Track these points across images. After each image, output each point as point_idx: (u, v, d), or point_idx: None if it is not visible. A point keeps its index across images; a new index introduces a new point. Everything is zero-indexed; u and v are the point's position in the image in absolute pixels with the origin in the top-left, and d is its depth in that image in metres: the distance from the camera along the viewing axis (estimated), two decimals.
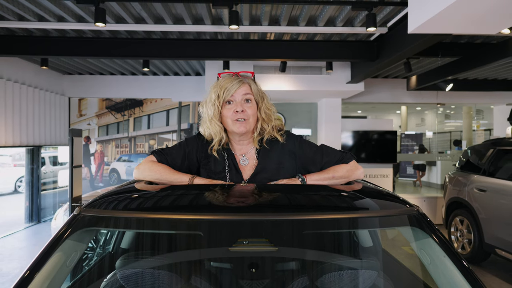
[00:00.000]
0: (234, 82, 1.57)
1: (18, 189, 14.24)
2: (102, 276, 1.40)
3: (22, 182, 14.67)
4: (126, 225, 1.31)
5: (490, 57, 4.89)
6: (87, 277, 1.51)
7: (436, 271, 1.25)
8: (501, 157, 5.09)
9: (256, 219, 1.17)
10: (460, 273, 1.17)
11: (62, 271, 1.21)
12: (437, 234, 1.27)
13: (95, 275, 1.53)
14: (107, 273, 1.38)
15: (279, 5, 4.05)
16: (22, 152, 16.12)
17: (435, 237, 1.26)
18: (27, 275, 1.11)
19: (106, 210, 1.28)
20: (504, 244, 4.64)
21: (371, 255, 1.62)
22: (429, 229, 1.28)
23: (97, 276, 1.53)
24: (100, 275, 1.51)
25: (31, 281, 1.09)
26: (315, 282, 1.17)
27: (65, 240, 1.22)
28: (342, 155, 1.64)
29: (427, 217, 1.33)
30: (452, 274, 1.19)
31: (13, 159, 15.95)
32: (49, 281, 1.15)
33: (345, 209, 1.31)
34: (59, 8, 4.11)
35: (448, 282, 1.20)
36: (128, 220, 1.27)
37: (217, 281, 1.25)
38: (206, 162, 1.61)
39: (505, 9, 2.81)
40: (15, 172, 14.73)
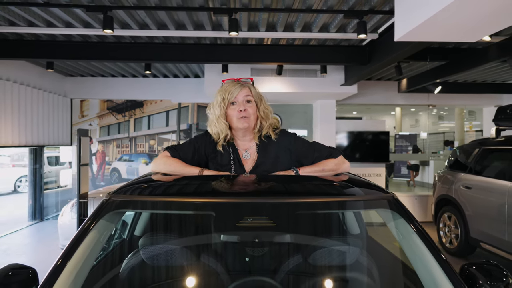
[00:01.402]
0: (237, 86, 1.84)
1: (18, 189, 14.41)
2: (127, 252, 1.65)
3: (22, 182, 14.87)
4: (147, 207, 1.56)
5: (475, 61, 5.18)
6: (115, 252, 1.76)
7: (406, 245, 1.51)
8: (486, 156, 5.37)
9: (257, 202, 1.43)
10: (424, 246, 1.43)
11: (97, 246, 1.46)
12: (408, 215, 1.53)
13: (121, 251, 1.78)
14: (130, 251, 1.64)
15: (276, 13, 4.31)
16: (21, 152, 16.29)
17: (406, 217, 1.52)
18: (72, 247, 1.35)
19: (131, 195, 1.53)
20: (488, 238, 4.92)
21: (354, 234, 1.88)
22: (401, 211, 1.54)
23: (122, 253, 1.78)
24: (124, 253, 1.76)
25: (75, 252, 1.34)
26: (304, 250, 1.43)
27: (99, 220, 1.47)
28: (331, 151, 1.90)
29: (400, 202, 1.59)
30: (418, 247, 1.45)
31: (11, 159, 16.11)
32: (88, 253, 1.40)
33: (333, 194, 1.57)
34: (68, 15, 4.34)
35: (415, 253, 1.45)
36: (148, 203, 1.53)
37: (227, 249, 1.51)
38: (213, 156, 1.86)
39: (485, 19, 3.07)
40: (14, 172, 14.88)
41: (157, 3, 4.02)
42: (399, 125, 17.38)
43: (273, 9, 4.13)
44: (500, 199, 4.68)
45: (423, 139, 18.04)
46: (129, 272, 1.53)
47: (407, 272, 1.52)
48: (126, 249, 1.85)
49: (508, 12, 2.86)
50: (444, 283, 1.34)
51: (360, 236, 1.82)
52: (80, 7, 3.91)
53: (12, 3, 3.88)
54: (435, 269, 1.39)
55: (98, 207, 1.51)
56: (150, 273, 1.48)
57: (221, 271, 1.39)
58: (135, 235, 2.07)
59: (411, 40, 3.44)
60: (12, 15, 4.35)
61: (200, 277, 1.42)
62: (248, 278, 1.42)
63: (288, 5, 4.12)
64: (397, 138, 14.74)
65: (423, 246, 1.44)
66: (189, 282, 1.42)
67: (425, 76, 6.23)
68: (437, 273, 1.39)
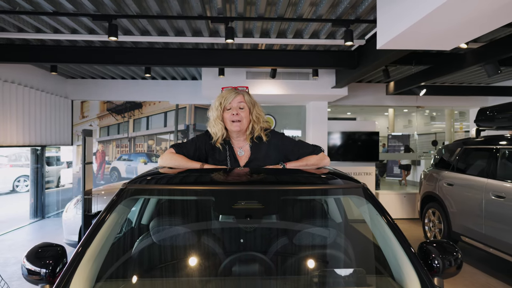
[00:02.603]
0: (232, 93, 2.15)
1: (16, 189, 14.63)
2: (138, 235, 1.95)
3: (20, 182, 15.08)
4: (157, 193, 1.87)
5: (455, 66, 5.51)
6: (127, 234, 2.05)
7: (373, 225, 1.82)
8: (466, 155, 5.72)
9: (249, 189, 1.74)
10: (387, 225, 1.74)
11: (117, 226, 1.76)
12: (374, 200, 1.84)
13: (133, 234, 2.08)
14: (141, 234, 1.94)
15: (269, 21, 4.62)
16: (18, 153, 16.46)
17: (372, 203, 1.83)
18: (96, 227, 1.65)
19: (143, 184, 1.83)
20: (468, 232, 5.26)
21: (331, 216, 2.20)
22: (369, 198, 1.85)
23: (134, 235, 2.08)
24: (135, 235, 2.06)
25: (100, 230, 1.64)
26: (288, 228, 1.74)
27: (118, 205, 1.76)
28: (314, 148, 2.22)
29: (369, 190, 1.90)
30: (382, 226, 1.76)
31: (9, 159, 16.28)
32: (109, 232, 1.69)
33: (313, 183, 1.88)
34: (74, 22, 4.63)
35: (379, 231, 1.76)
36: (158, 190, 1.84)
37: (225, 228, 1.81)
38: (212, 153, 2.17)
39: (459, 29, 3.38)
40: (13, 172, 15.08)
41: (158, 12, 4.32)
42: (392, 125, 17.76)
43: (266, 18, 4.44)
44: (478, 195, 5.02)
45: (415, 139, 18.39)
46: (141, 250, 1.83)
47: (373, 247, 1.82)
48: (136, 232, 2.15)
49: (476, 24, 3.19)
50: (401, 255, 1.65)
51: (335, 218, 2.14)
52: (86, 16, 4.20)
53: (24, 12, 4.16)
54: (395, 244, 1.70)
55: (117, 194, 1.81)
56: (162, 249, 1.78)
57: (220, 246, 1.70)
58: (142, 223, 2.37)
59: (392, 48, 3.75)
60: (21, 22, 4.63)
61: (203, 251, 1.72)
62: (242, 252, 1.73)
63: (280, 14, 4.43)
64: (389, 138, 15.11)
65: (386, 226, 1.75)
66: (194, 255, 1.72)
67: (411, 79, 6.58)
68: (396, 248, 1.69)
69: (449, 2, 2.66)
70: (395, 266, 1.66)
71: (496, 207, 4.69)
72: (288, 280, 1.60)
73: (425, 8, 2.97)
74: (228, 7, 4.24)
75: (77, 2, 4.02)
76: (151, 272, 1.70)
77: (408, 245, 1.67)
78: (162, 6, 4.16)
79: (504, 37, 4.84)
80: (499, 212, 4.62)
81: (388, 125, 18.43)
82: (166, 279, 1.60)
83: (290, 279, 1.61)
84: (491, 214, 4.76)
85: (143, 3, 4.09)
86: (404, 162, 12.69)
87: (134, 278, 1.68)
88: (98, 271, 1.61)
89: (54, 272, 1.63)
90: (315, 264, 1.68)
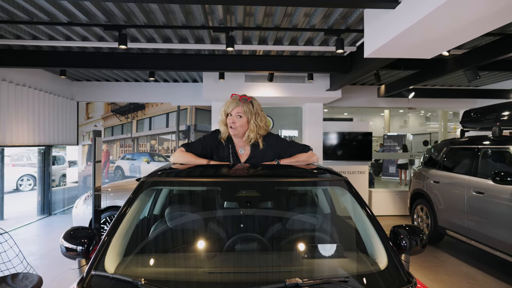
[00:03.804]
0: (234, 103, 2.51)
1: (20, 188, 14.95)
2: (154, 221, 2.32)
3: (23, 181, 15.41)
4: (171, 184, 2.24)
5: (440, 71, 5.90)
6: (148, 219, 2.42)
7: (352, 211, 2.19)
8: (451, 154, 6.10)
9: (249, 181, 2.11)
10: (363, 211, 2.10)
11: (139, 212, 2.12)
12: (353, 191, 2.21)
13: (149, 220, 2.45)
14: (156, 220, 2.30)
15: (266, 31, 4.99)
16: (20, 152, 16.77)
17: (353, 193, 2.20)
18: (124, 212, 2.00)
19: (160, 177, 2.20)
20: (452, 226, 5.63)
21: (317, 203, 2.57)
22: (349, 189, 2.22)
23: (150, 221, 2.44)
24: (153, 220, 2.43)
25: (126, 215, 2.00)
26: (281, 212, 2.11)
27: (140, 195, 2.13)
28: (304, 147, 2.59)
29: (350, 183, 2.26)
30: (359, 212, 2.12)
31: (11, 159, 16.60)
32: (133, 216, 2.06)
33: (303, 176, 2.25)
34: (86, 31, 4.99)
35: (357, 216, 2.13)
36: (172, 182, 2.20)
37: (229, 212, 2.18)
38: (217, 151, 2.54)
39: (438, 40, 3.75)
40: (16, 172, 15.41)
41: (164, 22, 4.68)
42: (388, 125, 18.15)
43: (264, 27, 4.81)
44: (461, 191, 5.40)
45: (411, 140, 18.76)
46: (159, 231, 2.20)
47: (352, 230, 2.19)
48: (152, 219, 2.51)
49: (452, 36, 3.56)
50: (374, 236, 2.01)
51: (322, 206, 2.51)
52: (98, 26, 4.56)
53: (41, 22, 4.52)
54: (369, 227, 2.06)
55: (138, 186, 2.17)
56: (176, 231, 2.15)
57: (225, 229, 2.06)
58: (154, 213, 2.74)
59: (378, 56, 4.13)
60: (36, 31, 4.98)
61: (211, 233, 2.09)
62: (243, 233, 2.09)
63: (276, 24, 4.79)
64: (385, 138, 15.49)
65: (362, 212, 2.12)
66: (203, 235, 2.09)
67: (400, 83, 6.96)
68: (370, 231, 2.06)
69: (426, 18, 3.03)
70: (369, 244, 2.03)
71: (476, 202, 5.07)
72: (281, 254, 1.97)
73: (406, 22, 3.34)
74: (228, 17, 4.61)
75: (90, 13, 4.38)
76: (168, 248, 2.06)
77: (380, 228, 2.03)
78: (168, 17, 4.52)
79: (483, 45, 5.22)
80: (479, 207, 5.00)
81: (384, 126, 18.80)
82: (181, 253, 1.96)
83: (282, 254, 1.97)
84: (472, 209, 5.13)
85: (150, 15, 4.45)
86: (401, 162, 13.07)
87: (156, 253, 2.04)
88: (126, 248, 1.98)
89: (88, 249, 1.99)
90: (303, 242, 2.05)
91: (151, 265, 1.89)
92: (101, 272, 1.71)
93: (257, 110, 2.52)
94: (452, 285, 4.48)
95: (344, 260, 1.94)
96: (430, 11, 2.88)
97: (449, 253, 5.80)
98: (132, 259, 1.94)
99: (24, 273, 3.34)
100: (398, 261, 1.84)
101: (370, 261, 1.90)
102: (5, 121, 6.32)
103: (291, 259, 1.92)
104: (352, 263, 1.93)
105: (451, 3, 2.69)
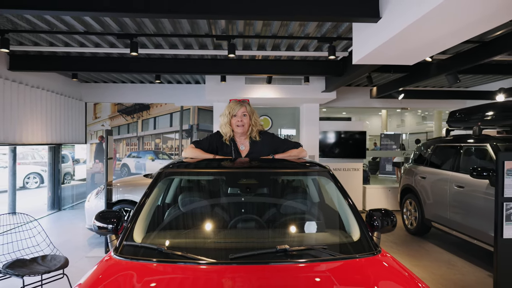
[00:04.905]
0: (238, 105, 2.96)
1: (26, 185, 15.41)
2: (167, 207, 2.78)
3: (30, 179, 15.87)
4: (183, 174, 2.69)
5: (425, 74, 6.35)
6: (164, 205, 2.88)
7: (334, 197, 2.64)
8: (437, 151, 6.55)
9: (248, 171, 2.57)
10: (343, 198, 2.55)
11: (158, 197, 2.58)
12: (335, 180, 2.66)
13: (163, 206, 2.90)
14: (170, 206, 2.76)
15: (265, 38, 5.45)
16: (25, 151, 17.24)
17: (335, 182, 2.65)
18: (145, 198, 2.46)
19: (174, 169, 2.65)
20: (437, 218, 6.09)
21: (307, 192, 3.03)
22: (332, 178, 2.67)
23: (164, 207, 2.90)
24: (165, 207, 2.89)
25: (147, 200, 2.45)
26: (275, 197, 2.57)
27: (158, 183, 2.58)
28: (295, 144, 3.05)
29: (333, 173, 2.71)
30: (340, 198, 2.58)
31: (17, 158, 17.00)
32: (153, 201, 2.51)
33: (294, 168, 2.71)
34: (99, 39, 5.44)
35: (338, 202, 2.58)
36: (183, 173, 2.66)
37: (232, 197, 2.65)
38: (221, 147, 2.99)
39: (418, 49, 4.19)
40: (22, 170, 15.86)
41: (171, 31, 5.13)
42: (385, 125, 18.60)
43: (263, 36, 5.27)
44: (445, 186, 5.85)
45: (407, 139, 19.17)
46: (175, 213, 2.66)
47: (334, 213, 2.64)
48: (166, 205, 2.96)
49: (429, 46, 4.01)
50: (350, 216, 2.46)
51: (310, 192, 2.96)
52: (112, 35, 5.01)
53: (60, 32, 4.97)
54: (347, 211, 2.51)
55: (157, 176, 2.62)
56: (189, 213, 2.61)
57: (229, 211, 2.52)
58: (166, 202, 3.20)
59: (365, 63, 4.59)
60: (53, 38, 5.44)
61: (217, 214, 2.54)
62: (243, 215, 2.55)
63: (274, 33, 5.25)
64: (382, 137, 15.94)
65: (342, 198, 2.57)
66: (210, 216, 2.54)
67: (390, 85, 7.42)
68: (348, 213, 2.51)
69: (403, 31, 3.47)
70: (346, 222, 2.48)
71: (457, 196, 5.52)
72: (275, 230, 2.42)
73: (386, 34, 3.78)
74: (230, 27, 5.06)
75: (104, 23, 4.83)
76: (183, 226, 2.52)
77: (356, 210, 2.48)
78: (175, 26, 4.98)
79: (465, 51, 5.66)
80: (460, 200, 5.46)
81: (381, 125, 19.25)
82: (193, 229, 2.41)
83: (275, 230, 2.43)
84: (454, 202, 5.59)
85: (159, 24, 4.90)
86: (397, 160, 13.53)
87: (173, 230, 2.50)
88: (148, 226, 2.43)
89: (117, 226, 2.44)
90: (292, 221, 2.50)
91: (170, 237, 2.34)
92: (131, 242, 2.17)
93: (253, 109, 3.00)
94: (432, 270, 4.94)
95: (325, 234, 2.40)
96: (405, 27, 3.33)
97: (434, 244, 6.26)
98: (154, 234, 2.40)
99: (51, 254, 3.80)
100: (368, 235, 2.29)
101: (345, 235, 2.36)
102: (22, 121, 6.78)
103: (282, 233, 2.38)
104: (331, 236, 2.39)
105: (422, 21, 3.14)
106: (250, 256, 1.92)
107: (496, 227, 3.49)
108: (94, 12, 3.51)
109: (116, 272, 1.90)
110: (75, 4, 3.42)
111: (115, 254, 2.07)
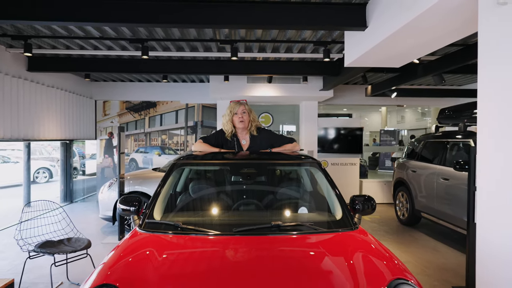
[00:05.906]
0: (238, 104, 3.42)
1: (36, 180, 15.95)
2: (179, 194, 3.25)
3: (40, 174, 16.40)
4: (193, 165, 3.17)
5: (414, 75, 6.79)
6: (176, 192, 3.36)
7: (322, 185, 3.11)
8: (427, 146, 6.99)
9: (249, 162, 3.04)
10: (329, 185, 3.01)
11: (172, 184, 3.05)
12: (323, 170, 3.12)
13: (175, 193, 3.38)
14: (183, 191, 3.23)
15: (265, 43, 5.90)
16: (33, 147, 17.70)
17: (323, 172, 3.11)
18: (162, 185, 2.92)
19: (186, 160, 3.13)
20: (425, 209, 6.54)
21: (300, 181, 3.50)
22: (320, 168, 3.13)
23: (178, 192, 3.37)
24: (179, 192, 3.36)
25: (164, 187, 2.92)
26: (272, 184, 3.06)
27: (172, 173, 3.05)
28: (290, 139, 3.51)
29: (321, 164, 3.18)
30: (327, 185, 3.04)
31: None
32: (168, 188, 2.98)
33: (288, 160, 3.17)
34: (112, 43, 5.91)
35: (325, 188, 3.05)
36: (194, 164, 3.13)
37: (235, 184, 3.13)
38: (226, 142, 3.46)
39: (403, 53, 4.63)
40: (33, 165, 16.37)
41: (179, 36, 5.59)
42: (385, 121, 18.99)
43: (263, 40, 5.71)
44: (432, 178, 6.30)
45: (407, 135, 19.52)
46: (186, 198, 3.13)
47: (322, 198, 3.11)
48: (178, 192, 3.43)
49: (413, 51, 4.45)
50: (335, 200, 2.93)
51: (303, 181, 3.43)
52: (125, 40, 5.47)
53: (77, 37, 5.44)
54: (332, 194, 2.98)
55: (171, 167, 3.10)
56: (198, 198, 3.08)
57: (232, 197, 2.99)
58: (177, 190, 3.67)
59: (356, 66, 5.03)
60: (70, 42, 5.91)
61: (222, 199, 3.01)
62: (245, 199, 3.02)
63: (273, 37, 5.70)
64: (382, 133, 16.34)
65: (329, 185, 3.03)
66: (217, 201, 3.01)
67: (383, 84, 7.85)
68: (333, 197, 2.97)
69: (386, 39, 3.91)
70: (331, 205, 2.95)
71: (443, 188, 5.97)
72: (272, 211, 2.89)
73: (372, 41, 4.23)
74: (233, 32, 5.51)
75: (118, 30, 5.28)
76: (194, 208, 2.99)
77: (340, 195, 2.94)
78: (182, 33, 5.43)
79: (452, 53, 6.09)
80: (445, 192, 5.91)
81: (381, 121, 19.64)
82: (203, 211, 2.89)
83: (272, 211, 2.90)
84: (440, 193, 6.04)
85: (168, 30, 5.36)
86: (395, 156, 13.92)
87: (186, 211, 2.97)
88: (164, 208, 2.90)
89: (139, 208, 2.91)
90: (286, 204, 2.97)
91: (184, 216, 2.82)
92: (152, 220, 2.64)
93: (250, 108, 3.47)
94: (418, 255, 5.40)
95: (312, 214, 2.87)
96: (388, 35, 3.78)
97: (423, 232, 6.72)
98: (171, 215, 2.87)
99: (75, 237, 4.30)
100: (348, 214, 2.75)
101: (330, 215, 2.83)
102: (38, 118, 7.27)
103: (277, 213, 2.85)
104: (318, 216, 2.86)
105: (398, 33, 3.58)
106: (250, 230, 2.39)
107: (468, 212, 3.94)
108: (112, 23, 3.96)
109: (143, 240, 2.38)
110: (96, 16, 3.88)
111: (139, 229, 2.54)
